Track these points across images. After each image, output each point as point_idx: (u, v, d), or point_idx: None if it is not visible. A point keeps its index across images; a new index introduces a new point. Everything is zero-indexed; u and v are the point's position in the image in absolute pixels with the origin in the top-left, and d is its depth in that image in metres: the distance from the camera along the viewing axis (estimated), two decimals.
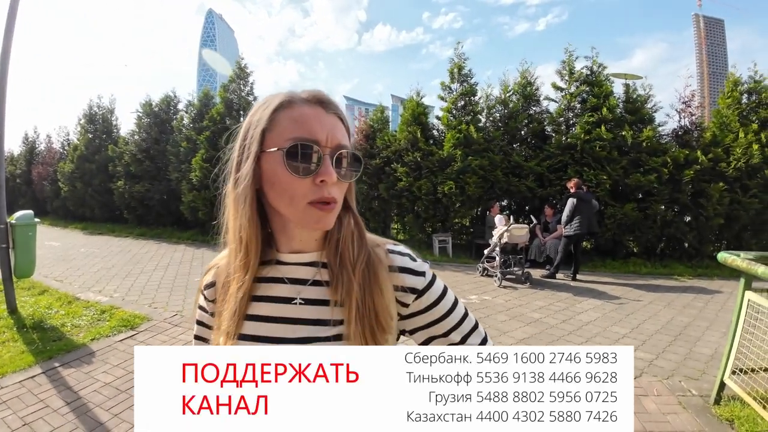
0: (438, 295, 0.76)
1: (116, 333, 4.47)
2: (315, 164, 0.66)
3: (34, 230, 5.20)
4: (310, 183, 0.66)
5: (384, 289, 0.72)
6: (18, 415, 2.89)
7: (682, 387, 3.32)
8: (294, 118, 0.67)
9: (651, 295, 6.14)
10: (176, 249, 9.95)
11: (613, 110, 8.36)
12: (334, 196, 0.68)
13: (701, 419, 2.85)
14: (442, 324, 0.76)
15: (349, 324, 0.70)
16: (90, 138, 15.01)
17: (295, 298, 0.73)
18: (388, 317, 0.72)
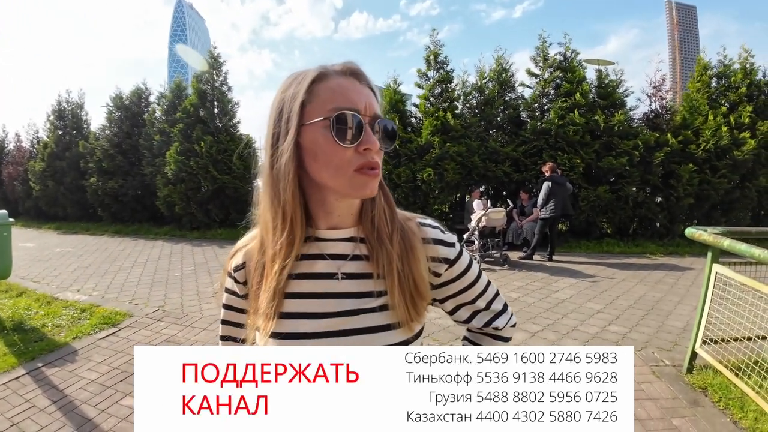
0: (466, 265, 0.81)
1: (98, 330, 4.41)
2: (358, 132, 0.66)
3: (9, 230, 5.02)
4: (353, 151, 0.67)
5: (421, 259, 0.75)
6: (5, 416, 2.87)
7: (655, 357, 3.47)
8: (333, 89, 0.68)
9: (624, 272, 6.38)
10: (154, 245, 9.79)
11: (585, 95, 8.56)
12: (378, 162, 0.70)
13: (675, 387, 2.97)
14: (470, 291, 0.82)
15: (393, 294, 0.73)
16: (60, 135, 14.49)
17: (336, 274, 0.75)
18: (425, 285, 0.76)
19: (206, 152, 10.55)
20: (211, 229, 10.99)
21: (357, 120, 0.66)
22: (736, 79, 8.60)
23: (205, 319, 4.69)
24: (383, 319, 0.74)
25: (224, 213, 11.21)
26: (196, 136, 10.78)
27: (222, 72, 11.74)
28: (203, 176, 10.59)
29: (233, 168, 10.82)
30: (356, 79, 0.71)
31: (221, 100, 11.50)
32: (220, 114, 11.51)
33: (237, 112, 11.79)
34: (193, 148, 10.68)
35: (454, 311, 0.84)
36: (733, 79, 8.63)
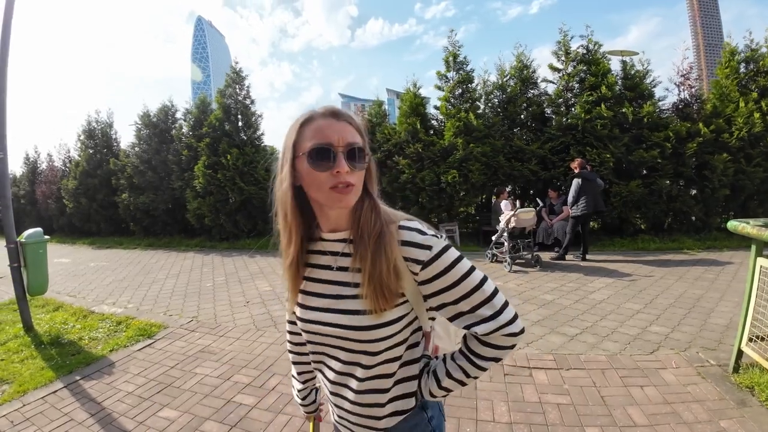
0: (446, 266, 0.87)
1: (134, 342, 4.49)
2: (332, 161, 0.86)
3: (45, 247, 5.22)
4: (329, 174, 0.86)
5: (391, 259, 0.87)
6: (43, 431, 2.90)
7: (700, 358, 3.33)
8: (313, 129, 0.89)
9: (662, 270, 6.14)
10: (185, 257, 10.00)
11: (612, 88, 8.32)
12: (349, 180, 0.87)
13: (721, 388, 2.86)
14: (451, 292, 0.88)
15: (363, 285, 0.89)
16: (91, 153, 15.04)
17: (332, 266, 0.97)
18: (392, 281, 0.87)
19: (233, 164, 10.76)
20: (239, 240, 11.18)
21: (329, 151, 0.86)
22: (765, 63, 8.21)
23: (239, 329, 4.72)
24: (356, 305, 0.91)
25: (252, 223, 11.39)
26: (223, 150, 11.00)
27: (245, 86, 12.01)
28: (231, 188, 10.79)
29: (259, 179, 11.00)
30: (334, 118, 0.90)
31: (245, 114, 11.73)
32: (244, 127, 11.74)
33: (261, 124, 12.03)
34: (220, 161, 10.90)
35: (439, 309, 0.92)
36: (762, 63, 8.24)
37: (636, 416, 2.62)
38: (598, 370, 3.24)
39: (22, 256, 4.99)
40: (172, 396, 3.25)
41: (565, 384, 3.07)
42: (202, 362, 3.87)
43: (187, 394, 3.27)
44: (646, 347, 3.60)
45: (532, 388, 3.06)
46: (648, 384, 2.98)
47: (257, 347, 4.15)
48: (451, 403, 2.91)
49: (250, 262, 8.80)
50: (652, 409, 2.67)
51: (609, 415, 2.65)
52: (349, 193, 0.88)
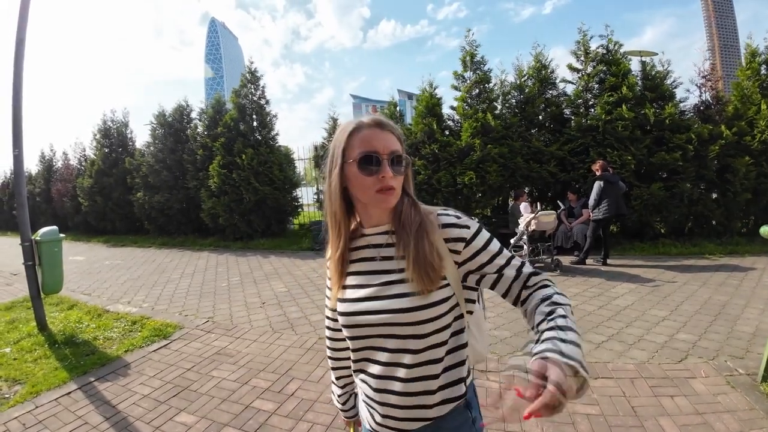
0: (485, 242, 0.99)
1: (149, 343, 4.45)
2: (377, 167, 0.96)
3: (60, 246, 5.19)
4: (375, 179, 0.96)
5: (433, 242, 0.97)
6: None
7: (729, 366, 3.24)
8: (361, 138, 0.98)
9: (685, 275, 5.99)
10: (200, 256, 10.01)
11: (632, 88, 8.12)
12: (392, 185, 0.97)
13: (751, 398, 2.79)
14: (494, 263, 0.98)
15: (408, 269, 0.96)
16: (106, 152, 15.15)
17: (376, 257, 1.05)
18: (437, 263, 0.96)
19: (247, 164, 10.75)
20: (253, 240, 11.15)
21: (375, 158, 0.96)
22: None
23: (255, 331, 4.66)
24: (403, 289, 0.97)
25: (266, 223, 11.37)
26: (237, 149, 11.00)
27: (259, 86, 12.00)
28: (245, 188, 10.77)
29: (274, 179, 10.99)
30: (379, 128, 0.99)
31: (260, 114, 11.72)
32: (259, 127, 11.73)
33: (275, 125, 12.00)
34: (235, 160, 10.90)
35: (493, 286, 0.99)
36: None
37: (668, 427, 2.53)
38: (627, 380, 3.14)
39: (37, 254, 4.97)
40: (189, 400, 3.19)
41: (594, 394, 2.98)
42: (218, 365, 3.81)
43: (204, 398, 3.21)
44: (675, 356, 3.49)
45: None
46: (678, 394, 2.89)
47: (275, 350, 4.09)
48: None
49: (264, 262, 8.77)
50: (683, 420, 2.59)
51: (641, 426, 2.56)
52: (391, 195, 0.99)
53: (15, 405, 3.26)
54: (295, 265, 8.29)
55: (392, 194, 0.98)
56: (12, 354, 4.32)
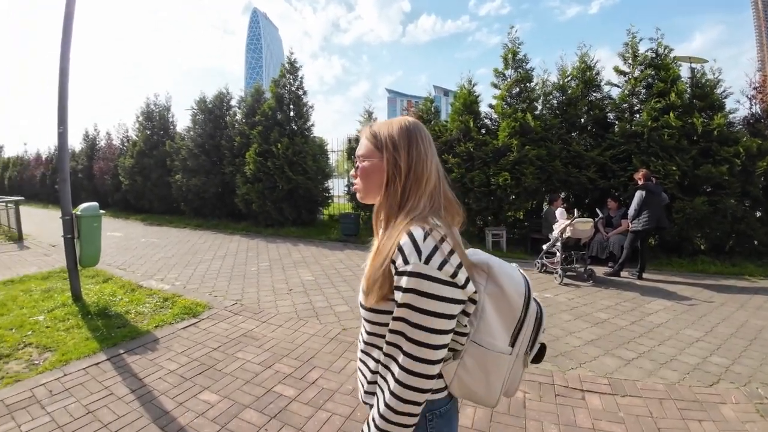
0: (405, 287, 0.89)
1: (179, 320, 4.57)
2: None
3: (99, 222, 5.35)
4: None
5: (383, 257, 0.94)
6: (81, 403, 2.92)
7: (759, 394, 3.11)
8: None
9: (722, 296, 5.71)
10: (231, 240, 10.25)
11: (681, 96, 7.73)
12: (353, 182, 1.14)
13: None
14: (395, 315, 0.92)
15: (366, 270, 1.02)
16: (148, 134, 15.73)
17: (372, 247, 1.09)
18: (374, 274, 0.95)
19: (282, 153, 10.92)
20: (284, 227, 11.34)
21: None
22: None
23: (281, 316, 4.73)
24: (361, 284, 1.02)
25: (296, 212, 11.53)
26: (274, 138, 11.19)
27: (298, 77, 12.15)
28: (279, 176, 10.95)
29: (307, 169, 11.11)
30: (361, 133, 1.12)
31: (297, 104, 11.87)
32: (295, 117, 11.88)
33: (311, 116, 12.11)
34: (271, 149, 11.09)
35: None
36: None
37: None
38: (656, 400, 3.03)
39: (76, 228, 5.13)
40: (213, 379, 3.26)
41: (620, 412, 2.88)
42: (244, 347, 3.89)
43: (228, 378, 3.27)
44: (706, 379, 3.36)
45: (585, 413, 2.87)
46: (706, 419, 2.79)
47: (299, 337, 4.13)
48: (498, 420, 2.77)
49: (294, 249, 8.89)
50: None
51: None
52: (356, 192, 1.12)
53: (44, 372, 3.37)
54: (323, 254, 8.37)
55: (357, 192, 1.11)
56: (45, 322, 4.47)
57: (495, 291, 0.99)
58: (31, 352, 3.77)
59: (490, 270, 1.00)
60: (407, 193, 1.00)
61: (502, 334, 1.00)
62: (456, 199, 1.09)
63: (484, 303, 0.99)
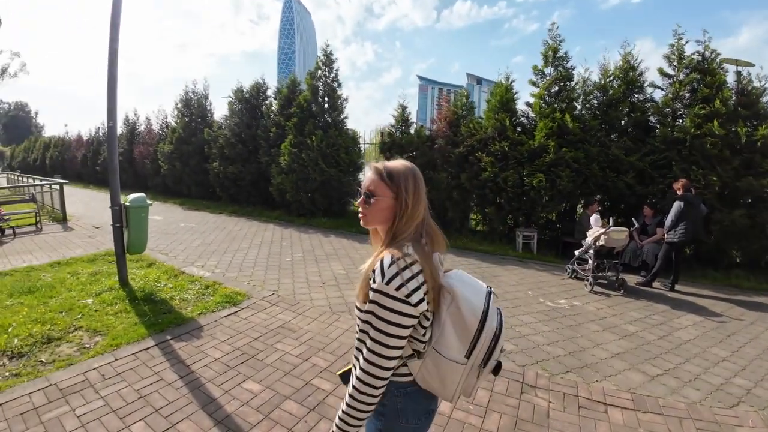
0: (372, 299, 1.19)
1: (221, 308, 4.79)
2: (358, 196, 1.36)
3: (147, 212, 5.62)
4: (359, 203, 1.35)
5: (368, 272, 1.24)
6: (133, 388, 3.11)
7: None
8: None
9: (753, 314, 5.59)
10: (266, 228, 10.61)
11: (726, 103, 7.45)
12: (362, 211, 1.33)
13: None
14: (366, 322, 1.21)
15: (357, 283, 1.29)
16: (186, 122, 16.27)
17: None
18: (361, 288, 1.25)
19: (316, 146, 11.14)
20: (315, 217, 11.64)
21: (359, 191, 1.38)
22: None
23: (316, 309, 4.95)
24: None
25: (328, 202, 11.80)
26: (308, 130, 11.42)
27: (333, 68, 12.25)
28: (313, 168, 11.20)
29: (340, 162, 11.32)
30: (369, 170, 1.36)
31: (331, 96, 12.03)
32: (330, 109, 12.06)
33: (345, 108, 12.24)
34: (305, 141, 11.33)
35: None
36: None
37: None
38: (676, 418, 3.07)
39: (125, 217, 5.42)
40: (255, 369, 3.50)
41: (641, 428, 2.94)
42: (282, 338, 4.13)
43: (269, 369, 3.51)
44: (727, 400, 3.37)
45: (606, 427, 2.95)
46: None
47: (333, 331, 4.34)
48: (522, 428, 2.88)
49: (325, 241, 9.15)
50: None
51: None
52: (362, 218, 1.34)
53: (95, 356, 3.57)
54: (353, 247, 8.58)
55: (362, 218, 1.34)
56: (94, 306, 4.69)
57: (455, 312, 1.25)
58: (81, 335, 3.98)
59: (454, 295, 1.25)
60: (404, 224, 1.27)
61: (459, 347, 1.24)
62: (438, 229, 1.37)
63: (446, 320, 1.26)
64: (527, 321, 4.92)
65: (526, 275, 7.03)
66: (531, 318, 5.02)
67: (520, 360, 3.92)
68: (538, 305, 5.51)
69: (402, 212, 1.28)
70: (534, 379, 3.56)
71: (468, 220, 10.47)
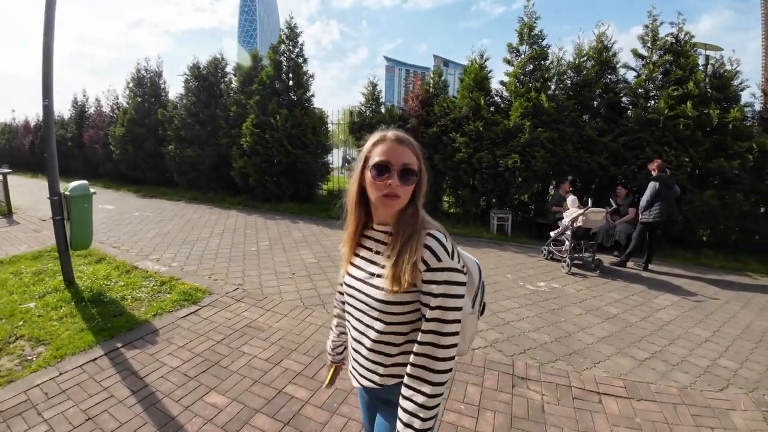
0: (440, 280, 1.10)
1: (178, 308, 4.33)
2: (387, 175, 1.15)
3: (90, 202, 4.96)
4: (384, 185, 1.16)
5: (413, 255, 1.11)
6: (80, 408, 2.70)
7: (766, 401, 3.12)
8: (381, 149, 1.18)
9: (727, 293, 5.73)
10: (229, 215, 9.99)
11: (699, 85, 7.47)
12: (397, 193, 1.15)
13: None
14: (428, 301, 1.12)
15: (387, 269, 1.16)
16: (139, 102, 15.10)
17: (373, 249, 1.27)
18: (408, 273, 1.11)
19: (281, 126, 10.51)
20: (282, 202, 11.04)
21: (387, 168, 1.16)
22: None
23: (286, 304, 4.56)
24: (378, 282, 1.20)
25: (295, 187, 11.20)
26: (272, 109, 10.74)
27: (298, 43, 11.56)
28: (277, 149, 10.58)
29: (307, 143, 10.75)
30: (398, 143, 1.19)
31: (296, 73, 11.35)
32: (295, 86, 11.38)
33: (311, 85, 11.63)
34: (269, 120, 10.66)
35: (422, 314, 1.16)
36: None
37: None
38: (670, 405, 3.00)
39: (66, 209, 4.77)
40: (219, 378, 3.10)
41: (637, 417, 2.85)
42: (249, 339, 3.73)
43: (235, 377, 3.12)
44: (716, 383, 3.36)
45: (603, 418, 2.82)
46: (718, 426, 2.80)
47: (306, 328, 3.98)
48: (518, 427, 2.70)
49: (293, 227, 8.69)
50: None
51: None
52: (395, 201, 1.17)
53: (38, 370, 3.12)
54: (324, 234, 8.17)
55: (395, 201, 1.17)
56: (37, 310, 4.16)
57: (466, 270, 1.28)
58: (23, 345, 3.50)
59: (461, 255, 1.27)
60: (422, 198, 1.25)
61: (468, 300, 1.33)
62: None
63: None
64: (510, 306, 4.77)
65: (503, 258, 6.88)
66: (513, 303, 4.88)
67: (507, 349, 3.74)
68: (519, 289, 5.40)
69: (423, 186, 1.23)
70: (524, 369, 3.40)
71: (441, 203, 10.25)
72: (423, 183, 1.22)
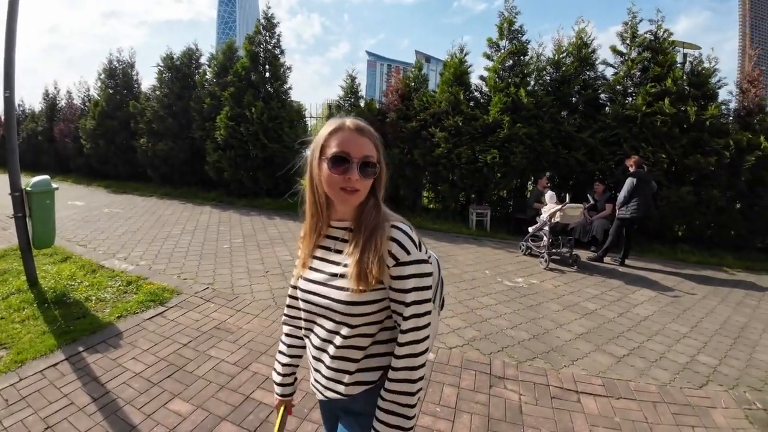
0: (410, 274, 1.05)
1: (144, 309, 4.14)
2: (346, 168, 1.06)
3: (52, 197, 4.72)
4: (342, 178, 1.06)
5: (378, 249, 1.05)
6: (39, 416, 2.56)
7: (748, 399, 3.09)
8: (338, 140, 1.08)
9: (703, 288, 5.79)
10: (202, 211, 9.69)
11: (677, 82, 7.54)
12: (357, 187, 1.07)
13: None
14: (401, 297, 1.06)
15: (350, 267, 1.08)
16: (111, 94, 14.50)
17: (332, 248, 1.18)
18: (375, 270, 1.03)
19: (257, 119, 10.21)
20: (259, 198, 10.75)
21: (345, 160, 1.05)
22: None
23: (257, 304, 4.40)
24: (340, 282, 1.10)
25: (273, 182, 10.88)
26: (247, 102, 10.43)
27: (275, 34, 11.24)
28: (253, 143, 10.28)
29: (284, 137, 10.46)
30: (358, 132, 1.09)
31: (273, 64, 11.03)
32: (271, 78, 11.07)
33: (289, 77, 11.32)
34: (244, 113, 10.34)
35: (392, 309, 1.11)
36: None
37: None
38: (650, 403, 2.97)
39: (27, 205, 4.54)
40: (184, 383, 2.93)
41: (617, 416, 2.80)
42: (217, 342, 3.56)
43: (201, 382, 2.95)
44: (696, 380, 3.34)
45: (582, 418, 2.76)
46: (699, 425, 2.77)
47: (277, 329, 3.82)
48: (495, 429, 2.61)
49: (269, 224, 8.47)
50: None
51: None
52: (353, 196, 1.08)
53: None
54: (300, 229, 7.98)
55: (355, 195, 1.08)
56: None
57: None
58: None
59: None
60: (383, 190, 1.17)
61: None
62: None
63: None
64: (487, 303, 4.72)
65: (481, 253, 6.84)
66: (491, 300, 4.83)
67: (485, 347, 3.67)
68: (497, 285, 5.36)
69: (382, 178, 1.16)
70: (502, 368, 3.32)
71: (420, 198, 10.16)
72: (383, 175, 1.14)
